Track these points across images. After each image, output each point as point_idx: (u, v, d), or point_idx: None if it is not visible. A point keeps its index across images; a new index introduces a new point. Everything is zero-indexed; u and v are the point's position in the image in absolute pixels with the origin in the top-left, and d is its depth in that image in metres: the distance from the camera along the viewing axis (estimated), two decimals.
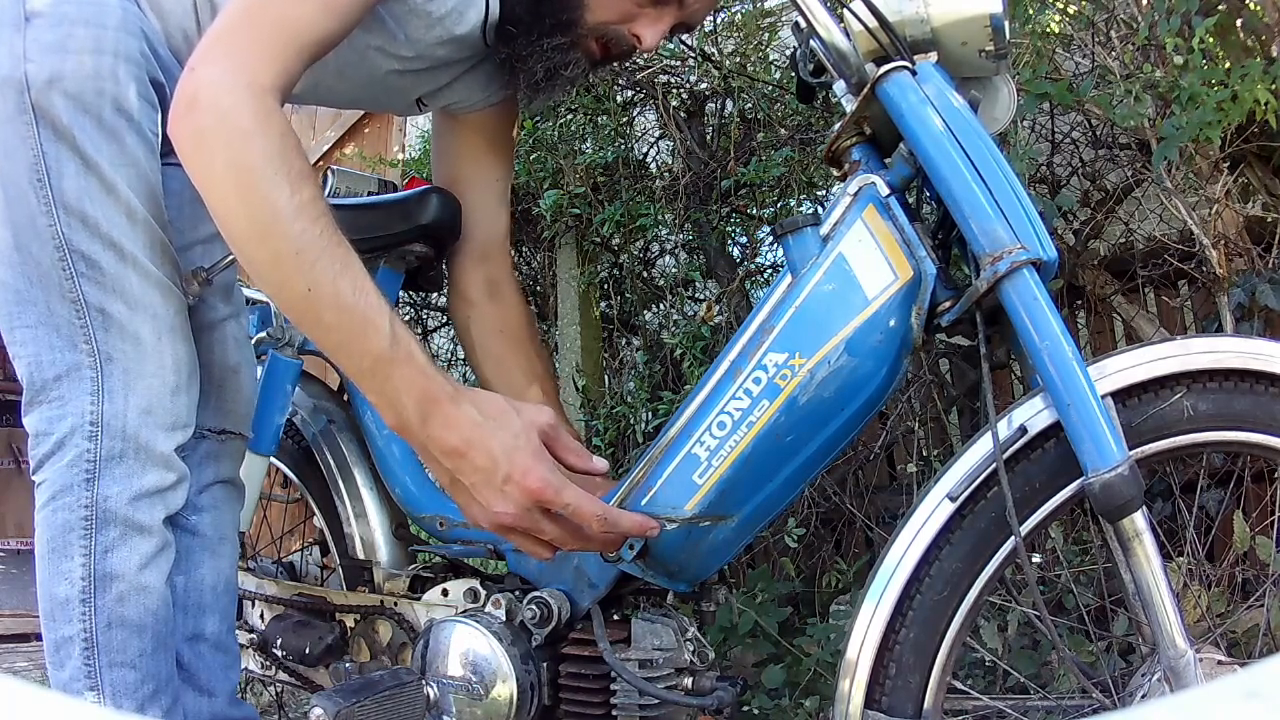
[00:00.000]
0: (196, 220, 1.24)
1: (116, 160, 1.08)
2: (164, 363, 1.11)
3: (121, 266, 1.09)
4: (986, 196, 0.98)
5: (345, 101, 1.45)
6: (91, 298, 1.08)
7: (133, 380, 1.09)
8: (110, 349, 1.09)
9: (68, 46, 1.07)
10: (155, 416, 1.10)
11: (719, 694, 1.17)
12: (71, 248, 1.07)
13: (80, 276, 1.08)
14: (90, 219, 1.07)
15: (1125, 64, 1.69)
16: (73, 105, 1.06)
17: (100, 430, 1.08)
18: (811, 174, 2.20)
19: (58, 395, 1.09)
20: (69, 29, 1.07)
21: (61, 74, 1.06)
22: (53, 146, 1.07)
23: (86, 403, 1.08)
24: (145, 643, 1.10)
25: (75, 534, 1.08)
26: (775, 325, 1.06)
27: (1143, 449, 0.97)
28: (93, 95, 1.07)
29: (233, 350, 1.29)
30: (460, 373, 3.08)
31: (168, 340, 1.12)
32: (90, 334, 1.08)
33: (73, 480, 1.08)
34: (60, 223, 1.07)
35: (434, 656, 1.25)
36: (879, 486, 2.18)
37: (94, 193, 1.07)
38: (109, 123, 1.08)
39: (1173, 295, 1.96)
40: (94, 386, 1.08)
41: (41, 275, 1.08)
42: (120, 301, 1.09)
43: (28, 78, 1.06)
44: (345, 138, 3.41)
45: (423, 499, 1.41)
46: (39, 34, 1.07)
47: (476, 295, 1.44)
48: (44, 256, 1.08)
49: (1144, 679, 0.97)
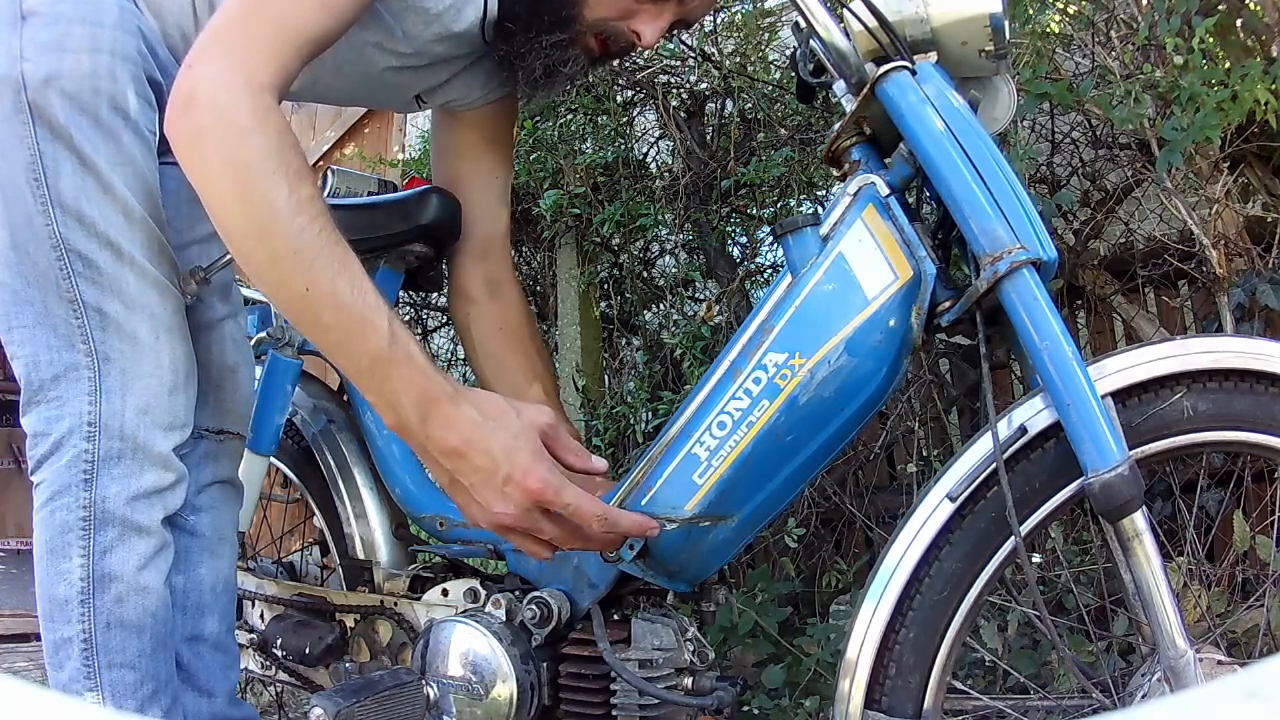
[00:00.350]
0: (194, 219, 1.24)
1: (114, 159, 1.08)
2: (161, 362, 1.11)
3: (119, 266, 1.09)
4: (986, 196, 0.98)
5: (344, 98, 1.45)
6: (89, 297, 1.08)
7: (130, 380, 1.09)
8: (108, 349, 1.08)
9: (65, 45, 1.07)
10: (153, 416, 1.10)
11: (719, 694, 1.17)
12: (69, 247, 1.07)
13: (77, 276, 1.07)
14: (87, 218, 1.07)
15: (1125, 64, 1.69)
16: (70, 104, 1.06)
17: (98, 430, 1.08)
18: (811, 174, 2.20)
19: (55, 395, 1.09)
20: (66, 27, 1.07)
21: (59, 73, 1.06)
22: (49, 146, 1.06)
23: (84, 403, 1.08)
24: (144, 643, 1.10)
25: (73, 534, 1.08)
26: (775, 325, 1.06)
27: (1143, 449, 0.97)
28: (90, 94, 1.07)
29: (231, 350, 1.29)
30: (460, 373, 3.08)
31: (165, 340, 1.12)
32: (88, 334, 1.08)
33: (71, 481, 1.08)
34: (57, 222, 1.07)
35: (434, 656, 1.25)
36: (879, 486, 2.18)
37: (91, 192, 1.07)
38: (106, 121, 1.08)
39: (1173, 295, 1.96)
40: (91, 386, 1.08)
41: (39, 275, 1.08)
42: (117, 301, 1.09)
43: (24, 77, 1.05)
44: (345, 138, 3.41)
45: (423, 499, 1.41)
46: (35, 33, 1.07)
47: (477, 293, 1.44)
48: (41, 256, 1.07)
49: (1144, 679, 0.97)
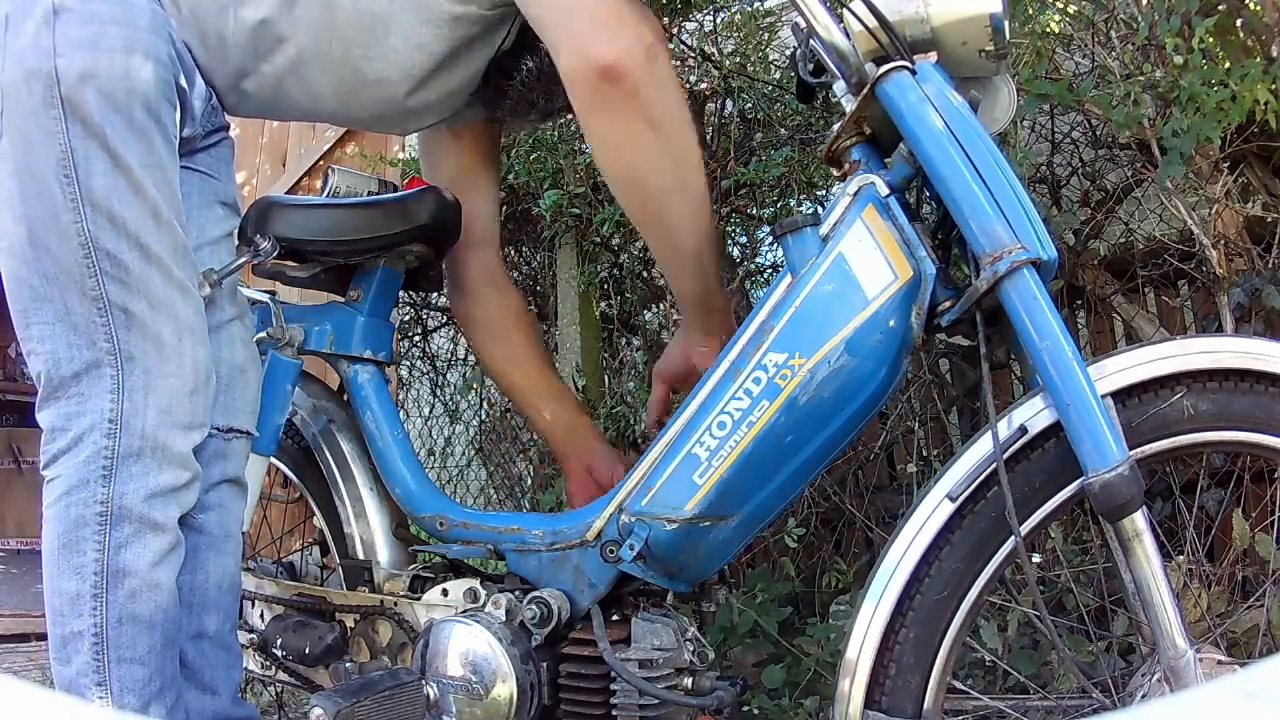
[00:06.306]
0: (206, 222, 1.26)
1: (145, 161, 1.09)
2: (183, 364, 1.12)
3: (146, 267, 1.10)
4: (986, 196, 0.98)
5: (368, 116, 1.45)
6: (115, 296, 1.09)
7: (153, 380, 1.10)
8: (132, 348, 1.09)
9: (100, 45, 1.07)
10: (173, 416, 1.11)
11: (719, 694, 1.17)
12: (97, 246, 1.08)
13: (104, 275, 1.08)
14: (118, 218, 1.08)
15: (1125, 64, 1.69)
16: (105, 103, 1.07)
17: (119, 428, 1.09)
18: (811, 174, 2.19)
19: (77, 392, 1.10)
20: (100, 27, 1.08)
21: (95, 71, 1.07)
22: (81, 143, 1.07)
23: (106, 400, 1.09)
24: (154, 639, 1.11)
25: (89, 529, 1.08)
26: (775, 325, 1.06)
27: (1143, 449, 0.97)
28: (124, 95, 1.08)
29: (240, 350, 1.30)
30: (460, 373, 3.08)
31: (187, 341, 1.13)
32: (112, 332, 1.09)
33: (89, 476, 1.09)
34: (87, 219, 1.08)
35: (434, 656, 1.25)
36: (879, 486, 2.18)
37: (122, 192, 1.08)
38: (139, 123, 1.09)
39: (1173, 295, 1.96)
40: (114, 385, 1.09)
41: (61, 271, 1.08)
42: (144, 301, 1.10)
43: (58, 71, 1.06)
44: (345, 137, 3.41)
45: (423, 499, 1.41)
46: (69, 29, 1.07)
47: (476, 284, 1.49)
48: (65, 253, 1.08)
49: (1144, 679, 0.97)
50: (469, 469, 3.03)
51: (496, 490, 2.97)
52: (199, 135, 1.25)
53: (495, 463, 2.99)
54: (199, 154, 1.27)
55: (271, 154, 3.56)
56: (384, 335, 1.50)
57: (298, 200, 1.53)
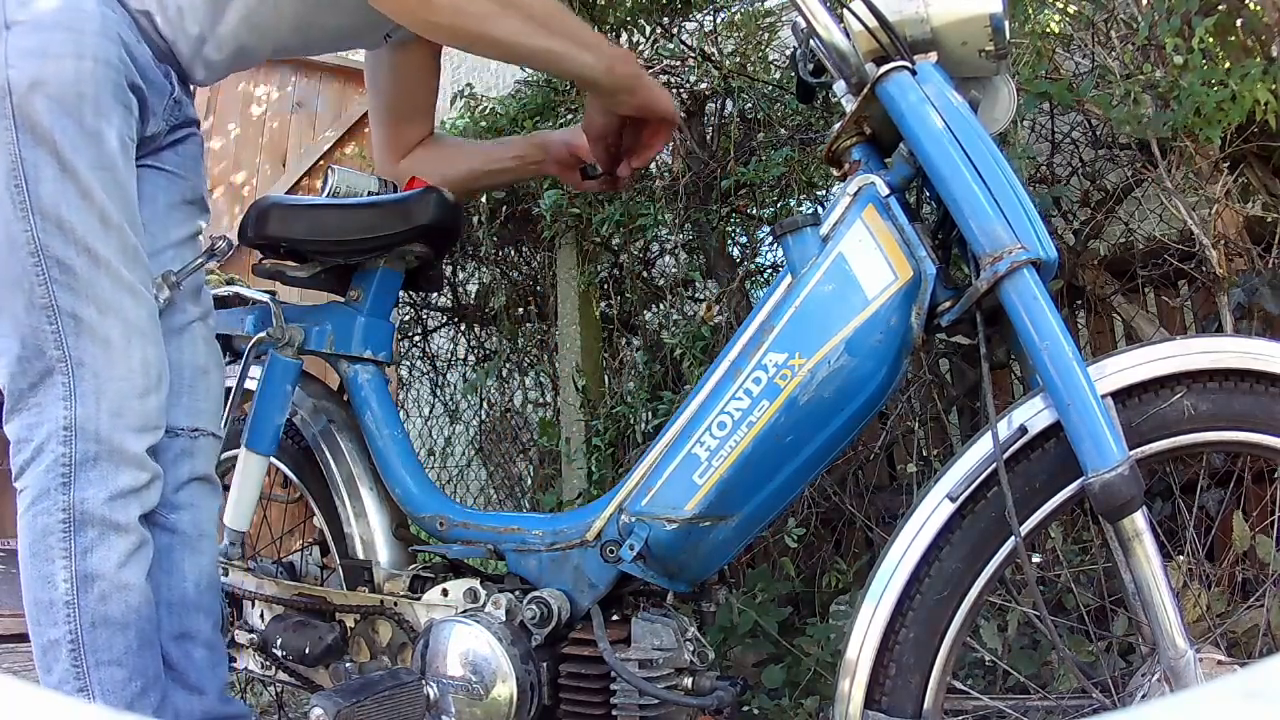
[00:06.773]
0: (169, 224, 1.25)
1: (94, 164, 1.09)
2: (132, 366, 1.12)
3: (95, 271, 1.10)
4: (986, 196, 0.98)
5: (328, 39, 1.45)
6: (64, 303, 1.09)
7: (103, 384, 1.10)
8: (81, 353, 1.10)
9: (48, 51, 1.08)
10: (125, 419, 1.11)
11: (719, 694, 1.17)
12: (47, 254, 1.08)
13: (54, 282, 1.09)
14: (66, 224, 1.08)
15: (1125, 64, 1.69)
16: (55, 108, 1.07)
17: (74, 434, 1.09)
18: (811, 174, 2.19)
19: (35, 402, 1.10)
20: (48, 34, 1.08)
21: (44, 78, 1.07)
22: (31, 152, 1.07)
23: (60, 408, 1.09)
24: (130, 639, 1.11)
25: (55, 537, 1.09)
26: (775, 325, 1.06)
27: (1143, 449, 0.97)
28: (74, 98, 1.08)
29: (203, 351, 1.30)
30: (460, 373, 3.08)
31: (137, 343, 1.13)
32: (62, 340, 1.09)
33: (50, 484, 1.09)
34: (36, 229, 1.08)
35: (434, 656, 1.25)
36: (879, 486, 2.18)
37: (71, 197, 1.08)
38: (89, 126, 1.09)
39: (1173, 295, 1.96)
40: (66, 391, 1.09)
41: (13, 282, 1.09)
42: (92, 306, 1.10)
43: (9, 83, 1.06)
44: (345, 137, 3.42)
45: (423, 499, 1.41)
46: (19, 40, 1.07)
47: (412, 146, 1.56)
48: (15, 264, 1.08)
49: (1144, 679, 0.97)
50: (469, 469, 3.03)
51: (496, 490, 2.97)
52: (163, 132, 1.24)
53: (495, 463, 2.99)
54: (164, 151, 1.27)
55: (271, 154, 3.57)
56: (384, 335, 1.50)
57: (298, 200, 1.53)
